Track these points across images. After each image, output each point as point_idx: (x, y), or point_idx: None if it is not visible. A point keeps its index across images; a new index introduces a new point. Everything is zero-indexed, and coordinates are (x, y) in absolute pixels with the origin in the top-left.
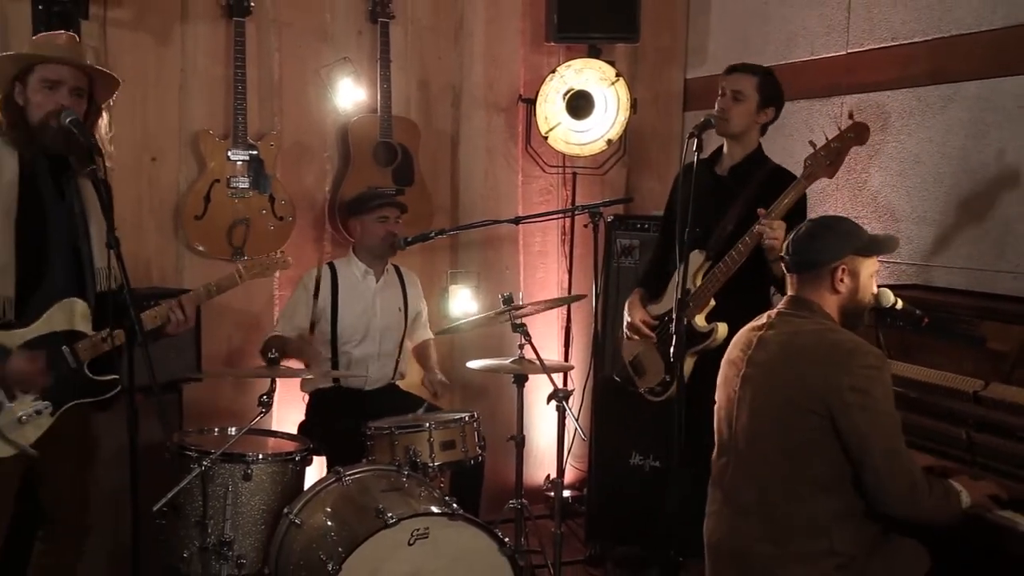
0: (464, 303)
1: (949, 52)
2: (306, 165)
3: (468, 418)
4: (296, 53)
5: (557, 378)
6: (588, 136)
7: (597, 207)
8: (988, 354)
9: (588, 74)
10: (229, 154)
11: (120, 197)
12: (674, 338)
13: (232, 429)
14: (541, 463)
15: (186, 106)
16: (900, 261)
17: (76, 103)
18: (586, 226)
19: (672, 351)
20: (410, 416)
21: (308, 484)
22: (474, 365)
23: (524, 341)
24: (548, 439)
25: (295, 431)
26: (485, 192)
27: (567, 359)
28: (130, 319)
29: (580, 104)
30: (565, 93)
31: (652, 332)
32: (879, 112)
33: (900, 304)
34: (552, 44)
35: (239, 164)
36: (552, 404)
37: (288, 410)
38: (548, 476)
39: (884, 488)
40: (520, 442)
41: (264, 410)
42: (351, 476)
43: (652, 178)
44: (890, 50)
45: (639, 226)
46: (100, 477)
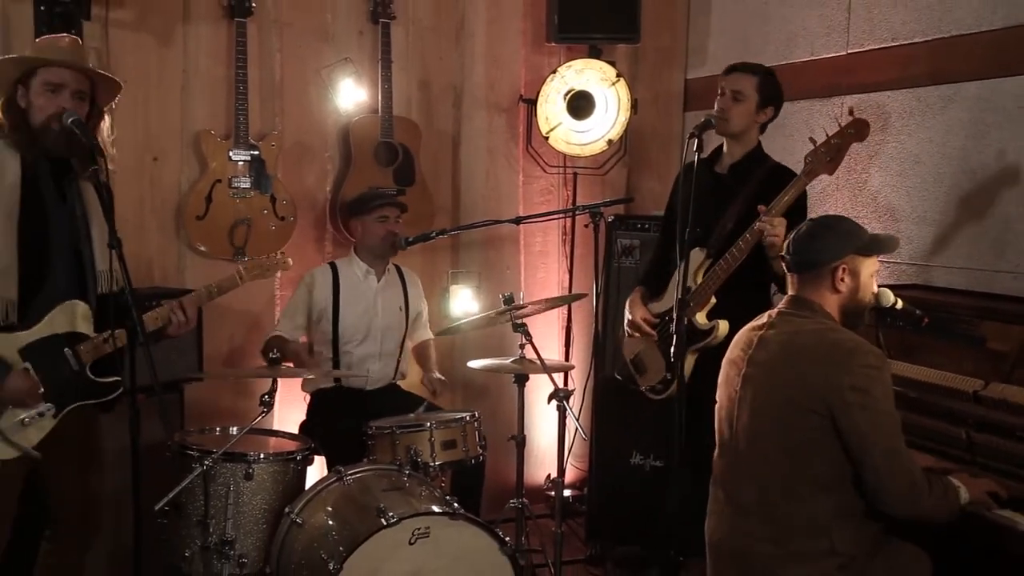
0: (465, 303)
1: (949, 52)
2: (307, 165)
3: (469, 418)
4: (297, 53)
5: (558, 378)
6: (589, 136)
7: (598, 207)
8: (988, 354)
9: (589, 74)
10: (231, 154)
11: (122, 197)
12: (674, 338)
13: (233, 429)
14: (542, 463)
15: (188, 106)
16: (900, 261)
17: (78, 106)
18: (587, 226)
19: (672, 351)
20: (411, 416)
21: (309, 483)
22: (475, 365)
23: (525, 341)
24: (549, 439)
25: (296, 431)
26: (486, 192)
27: (568, 359)
28: (131, 319)
29: (581, 104)
30: (566, 93)
31: (653, 330)
32: (879, 112)
33: (900, 304)
34: (553, 44)
35: (240, 164)
36: (553, 404)
37: (289, 410)
38: (549, 476)
39: (884, 487)
40: (521, 442)
41: (265, 410)
42: (352, 475)
43: (652, 178)
44: (890, 50)
45: (639, 226)
46: (102, 477)
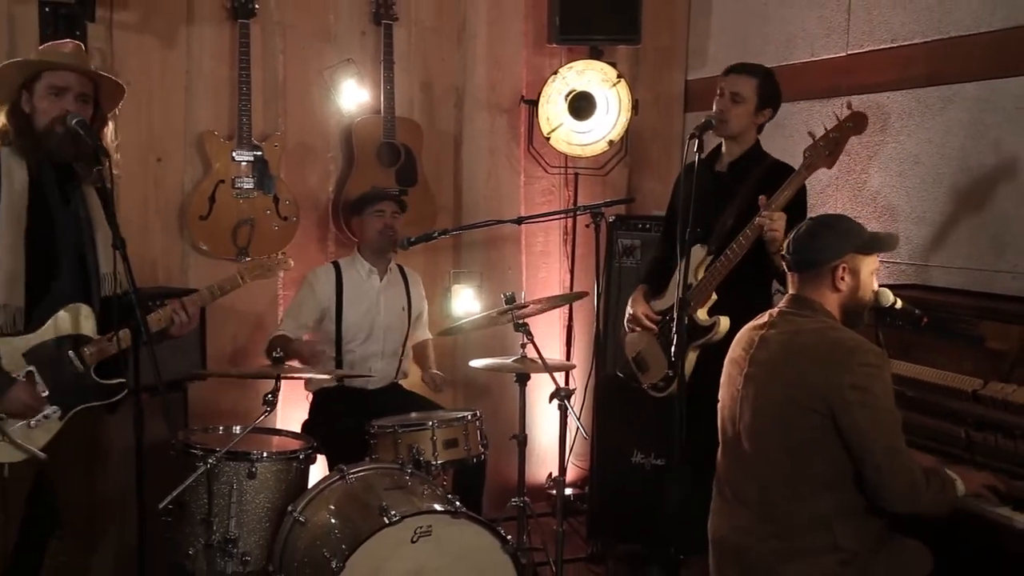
0: (467, 303)
1: (948, 54)
2: (310, 166)
3: (471, 417)
4: (300, 54)
5: (559, 377)
6: (590, 137)
7: (599, 207)
8: (987, 353)
9: (590, 75)
10: (234, 155)
11: (126, 198)
12: (675, 337)
13: (237, 428)
14: (543, 461)
15: (191, 107)
16: (899, 261)
17: (82, 109)
18: (588, 226)
19: (673, 350)
20: (413, 415)
21: (312, 482)
22: (477, 364)
23: (526, 340)
24: (550, 437)
25: (299, 430)
26: (488, 192)
27: (569, 358)
28: (135, 319)
29: (582, 105)
30: (567, 94)
31: (653, 324)
32: (879, 113)
33: (899, 304)
34: (554, 46)
35: (244, 165)
36: (554, 403)
37: (292, 409)
38: (550, 474)
39: (885, 485)
40: (522, 440)
41: (268, 409)
42: (355, 474)
43: (653, 178)
44: (890, 52)
45: (640, 226)
46: (107, 476)
